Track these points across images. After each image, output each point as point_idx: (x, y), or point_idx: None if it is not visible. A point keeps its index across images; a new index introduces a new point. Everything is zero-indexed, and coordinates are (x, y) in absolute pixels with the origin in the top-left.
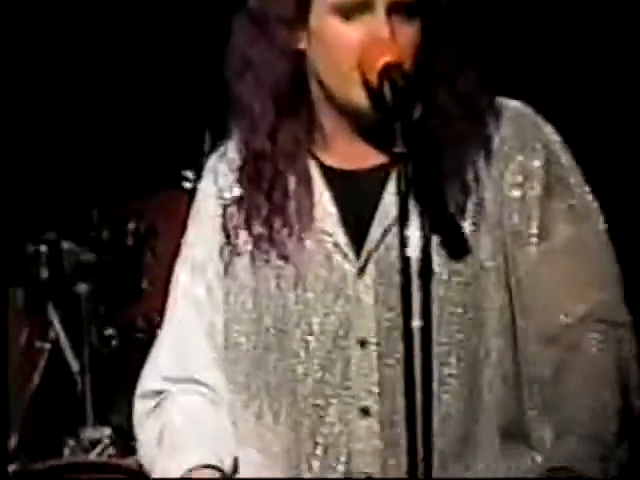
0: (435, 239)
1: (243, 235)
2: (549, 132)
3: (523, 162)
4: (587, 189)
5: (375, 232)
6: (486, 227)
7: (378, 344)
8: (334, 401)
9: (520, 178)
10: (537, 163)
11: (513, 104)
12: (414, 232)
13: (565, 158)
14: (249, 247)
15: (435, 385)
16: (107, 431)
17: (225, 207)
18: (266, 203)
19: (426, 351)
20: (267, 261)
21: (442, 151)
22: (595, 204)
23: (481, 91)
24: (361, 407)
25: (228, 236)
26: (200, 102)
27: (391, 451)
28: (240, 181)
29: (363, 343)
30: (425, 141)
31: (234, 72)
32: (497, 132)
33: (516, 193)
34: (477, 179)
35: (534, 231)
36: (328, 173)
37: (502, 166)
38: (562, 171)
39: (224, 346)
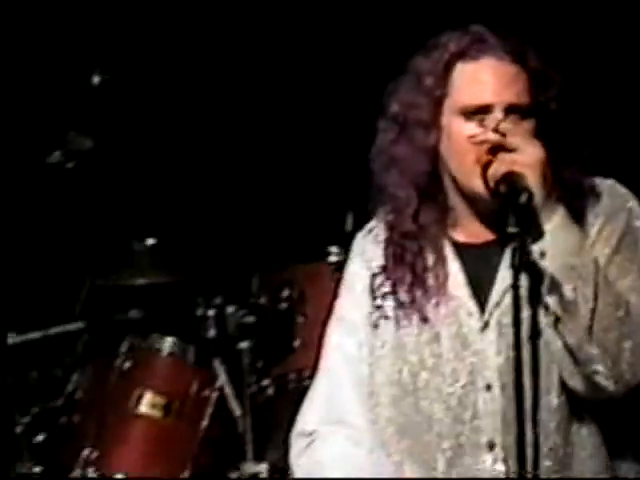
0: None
1: (389, 301)
2: (634, 206)
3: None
4: None
5: (495, 295)
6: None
7: (503, 386)
8: (464, 436)
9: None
10: (617, 229)
11: (607, 185)
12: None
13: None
14: (394, 311)
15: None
16: (264, 466)
17: (373, 276)
18: (409, 275)
19: (535, 391)
20: (409, 322)
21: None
22: None
23: (583, 177)
24: (487, 441)
25: (375, 299)
26: (343, 188)
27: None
28: (386, 255)
29: (489, 387)
30: (531, 222)
31: (380, 166)
32: (593, 206)
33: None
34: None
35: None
36: (457, 247)
37: (595, 230)
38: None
39: (369, 394)
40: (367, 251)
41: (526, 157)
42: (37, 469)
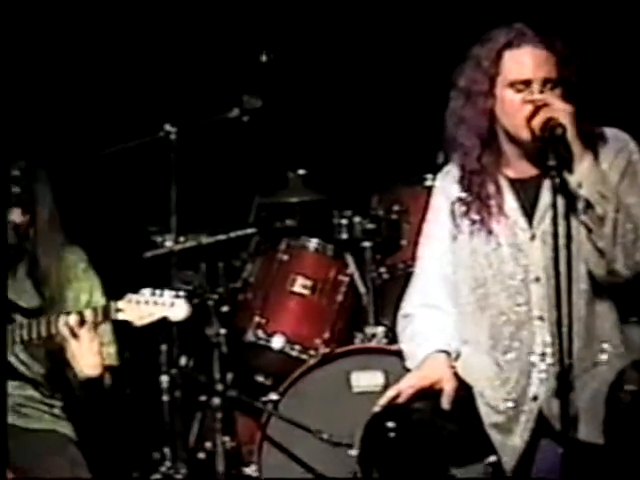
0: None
1: (465, 220)
2: (633, 147)
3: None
4: None
5: (539, 214)
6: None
7: (547, 277)
8: (522, 313)
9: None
10: (622, 162)
11: (614, 133)
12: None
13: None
14: (468, 227)
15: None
16: (381, 329)
17: (452, 203)
18: (477, 201)
19: (569, 279)
20: (479, 235)
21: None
22: None
23: (595, 127)
24: (538, 316)
25: (454, 219)
26: (435, 132)
27: (555, 339)
28: (461, 187)
29: (537, 279)
30: (566, 155)
31: (452, 124)
32: (605, 147)
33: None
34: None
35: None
36: (510, 181)
37: (607, 165)
38: (636, 169)
39: (453, 284)
40: (446, 186)
41: (558, 106)
42: (222, 331)
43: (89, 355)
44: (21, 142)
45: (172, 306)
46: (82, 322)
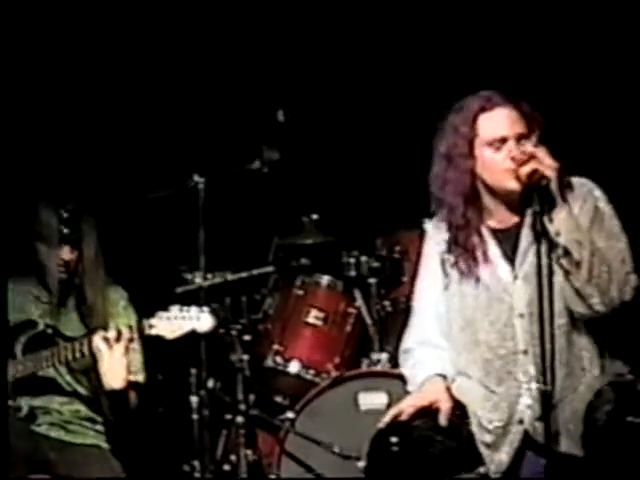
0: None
1: (454, 269)
2: (598, 194)
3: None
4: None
5: (520, 257)
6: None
7: (530, 314)
8: (509, 348)
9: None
10: (591, 208)
11: (580, 181)
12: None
13: (604, 206)
14: (457, 275)
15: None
16: (385, 355)
17: (441, 253)
18: (464, 253)
19: (550, 314)
20: (468, 282)
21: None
22: (618, 228)
23: (566, 176)
24: (522, 350)
25: (444, 269)
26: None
27: (539, 369)
28: (448, 239)
29: (521, 315)
30: (549, 202)
31: (436, 186)
32: (573, 195)
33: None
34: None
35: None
36: (492, 231)
37: (577, 211)
38: (602, 215)
39: (447, 321)
40: (435, 234)
41: (545, 161)
42: (245, 357)
43: (119, 368)
44: (69, 186)
45: (199, 320)
46: (119, 338)
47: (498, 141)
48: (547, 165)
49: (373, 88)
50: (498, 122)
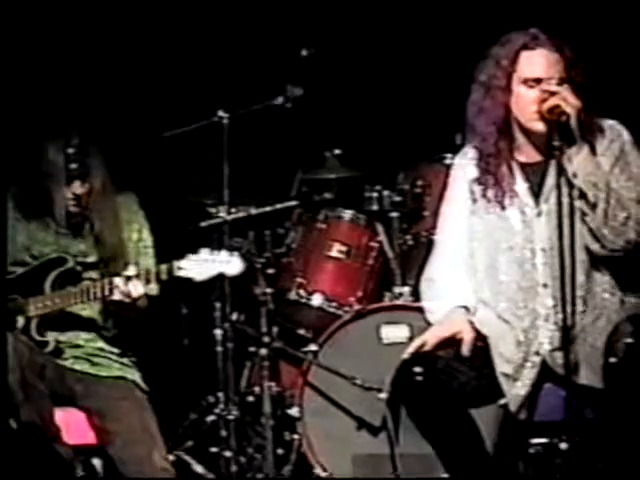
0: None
1: (481, 198)
2: (626, 137)
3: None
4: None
5: (544, 194)
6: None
7: (551, 249)
8: (529, 280)
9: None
10: (616, 150)
11: (610, 123)
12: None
13: (631, 149)
14: (483, 203)
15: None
16: (407, 288)
17: (470, 182)
18: (492, 181)
19: (572, 248)
20: (494, 210)
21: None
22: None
23: (595, 118)
24: (542, 283)
25: (472, 197)
26: (455, 116)
27: (558, 303)
28: (478, 168)
29: (543, 249)
30: (569, 138)
31: (472, 113)
32: (600, 137)
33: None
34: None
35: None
36: (520, 165)
37: (601, 152)
38: (627, 156)
39: (470, 252)
40: (463, 164)
41: (568, 98)
42: (268, 290)
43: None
44: (75, 120)
45: (228, 263)
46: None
47: (532, 80)
48: (568, 102)
49: (395, 24)
50: (536, 62)
